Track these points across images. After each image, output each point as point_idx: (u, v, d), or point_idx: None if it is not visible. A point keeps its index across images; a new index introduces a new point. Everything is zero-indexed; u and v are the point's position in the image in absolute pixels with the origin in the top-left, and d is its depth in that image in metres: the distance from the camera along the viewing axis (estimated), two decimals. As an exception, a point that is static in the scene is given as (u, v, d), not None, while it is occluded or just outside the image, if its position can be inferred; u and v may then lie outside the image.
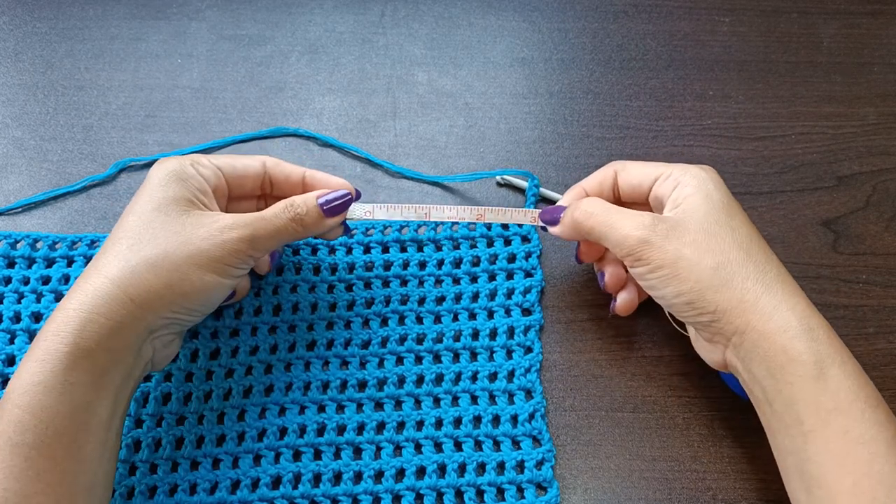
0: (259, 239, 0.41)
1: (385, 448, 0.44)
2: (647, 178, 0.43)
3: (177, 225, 0.39)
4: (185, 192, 0.40)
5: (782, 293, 0.38)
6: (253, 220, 0.41)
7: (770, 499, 0.43)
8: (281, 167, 0.45)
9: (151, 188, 0.40)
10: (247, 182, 0.44)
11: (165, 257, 0.38)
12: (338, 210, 0.43)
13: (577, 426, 0.45)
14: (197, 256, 0.39)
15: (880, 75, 0.59)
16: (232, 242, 0.39)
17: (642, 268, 0.40)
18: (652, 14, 0.62)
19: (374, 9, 0.62)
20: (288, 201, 0.42)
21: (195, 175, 0.41)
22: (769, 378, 0.37)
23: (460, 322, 0.48)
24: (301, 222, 0.42)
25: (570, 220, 0.43)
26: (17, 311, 0.47)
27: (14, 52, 0.59)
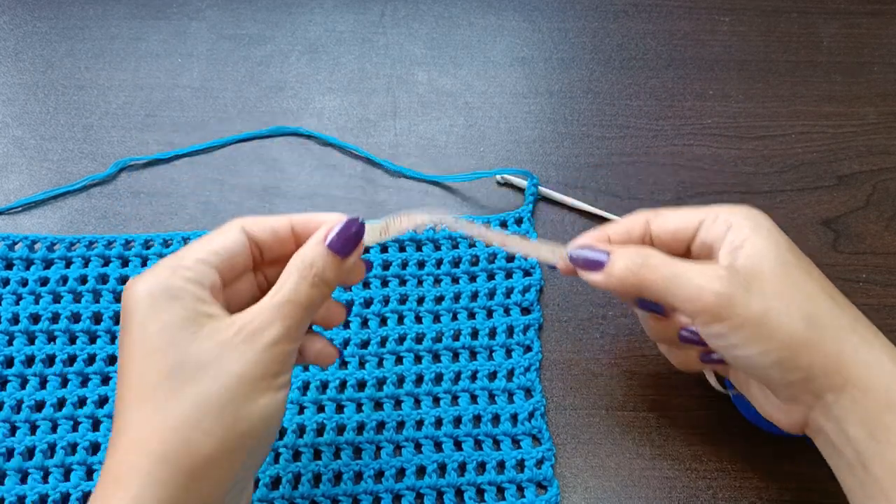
0: (294, 327, 0.33)
1: (385, 448, 0.44)
2: (689, 223, 0.38)
3: (195, 357, 0.31)
4: (184, 311, 0.32)
5: (880, 344, 0.34)
6: (278, 310, 0.33)
7: (770, 498, 0.43)
8: (261, 224, 0.36)
9: (142, 320, 0.31)
10: (237, 261, 0.35)
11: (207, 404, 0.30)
12: (352, 242, 0.35)
13: (576, 425, 0.45)
14: (240, 386, 0.31)
15: (880, 75, 0.59)
16: (268, 349, 0.32)
17: (720, 327, 0.34)
18: (652, 14, 0.62)
19: (374, 8, 0.62)
20: (298, 266, 0.34)
21: (185, 285, 0.32)
22: (870, 440, 0.33)
23: (459, 321, 0.48)
24: (324, 281, 0.34)
25: (623, 271, 0.36)
26: (15, 313, 0.47)
27: (14, 52, 0.59)
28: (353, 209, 0.52)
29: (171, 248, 0.50)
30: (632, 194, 0.53)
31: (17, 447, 0.43)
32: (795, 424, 0.36)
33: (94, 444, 0.43)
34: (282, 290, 0.33)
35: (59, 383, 0.45)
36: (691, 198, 0.53)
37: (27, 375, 0.45)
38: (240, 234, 0.35)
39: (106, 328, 0.47)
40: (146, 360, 0.31)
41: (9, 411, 0.44)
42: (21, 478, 0.43)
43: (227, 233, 0.35)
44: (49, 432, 0.44)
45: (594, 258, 0.37)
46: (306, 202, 0.53)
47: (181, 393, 0.30)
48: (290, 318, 0.33)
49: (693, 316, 0.35)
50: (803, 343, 0.33)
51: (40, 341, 0.46)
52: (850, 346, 0.34)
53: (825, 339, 0.34)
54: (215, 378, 0.31)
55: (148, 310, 0.32)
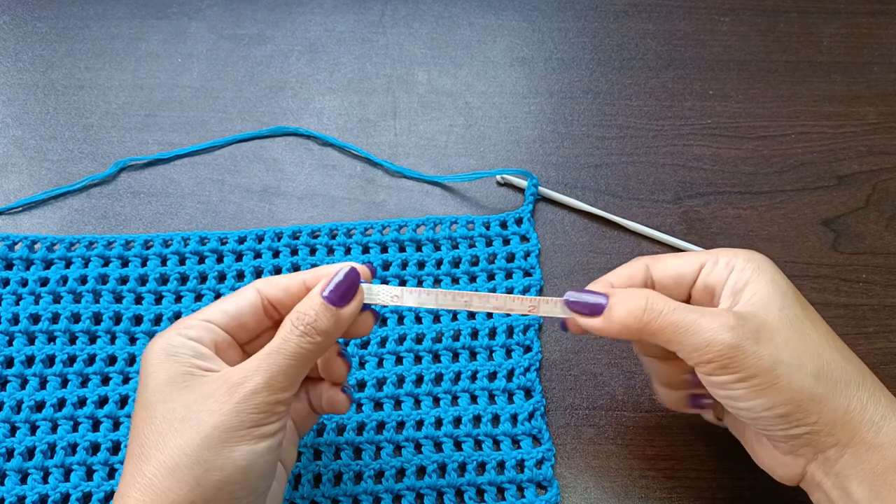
0: (277, 378, 0.33)
1: (385, 448, 0.44)
2: (690, 267, 0.37)
3: (180, 409, 0.32)
4: (179, 367, 0.33)
5: (886, 400, 0.33)
6: (261, 361, 0.33)
7: (770, 497, 0.43)
8: (275, 284, 0.37)
9: (145, 379, 0.34)
10: (248, 320, 0.36)
11: (181, 453, 0.31)
12: (347, 293, 0.35)
13: (576, 425, 0.45)
14: (214, 436, 0.32)
15: (880, 75, 0.59)
16: (247, 399, 0.32)
17: (727, 377, 0.33)
18: (652, 14, 0.62)
19: (374, 8, 0.62)
20: (291, 316, 0.35)
21: (184, 342, 0.34)
22: (874, 499, 0.32)
23: (459, 321, 0.48)
24: (317, 332, 0.34)
25: (625, 317, 0.35)
26: (15, 314, 0.47)
27: (14, 52, 0.59)
28: (353, 209, 0.52)
29: (170, 248, 0.50)
30: (632, 194, 0.53)
31: (17, 447, 0.43)
32: (791, 477, 0.36)
33: (93, 444, 0.43)
34: (271, 342, 0.34)
35: (59, 384, 0.45)
36: (691, 198, 0.53)
37: (27, 376, 0.45)
38: (253, 294, 0.37)
39: (106, 328, 0.47)
40: (141, 416, 0.33)
41: (9, 411, 0.44)
42: (21, 478, 0.43)
43: (241, 293, 0.37)
44: (49, 433, 0.44)
45: (593, 301, 0.36)
46: (306, 202, 0.53)
47: (163, 444, 0.32)
48: (273, 368, 0.33)
49: (698, 365, 0.34)
50: (811, 398, 0.33)
51: (40, 341, 0.46)
52: (857, 402, 0.33)
53: (834, 394, 0.33)
54: (193, 428, 0.32)
55: (150, 369, 0.34)
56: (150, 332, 0.47)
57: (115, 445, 0.43)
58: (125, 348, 0.46)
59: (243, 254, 0.50)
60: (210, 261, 0.49)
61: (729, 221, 0.52)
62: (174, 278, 0.49)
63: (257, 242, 0.50)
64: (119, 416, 0.44)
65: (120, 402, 0.45)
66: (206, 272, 0.49)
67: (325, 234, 0.51)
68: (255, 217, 0.52)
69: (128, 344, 0.47)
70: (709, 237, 0.52)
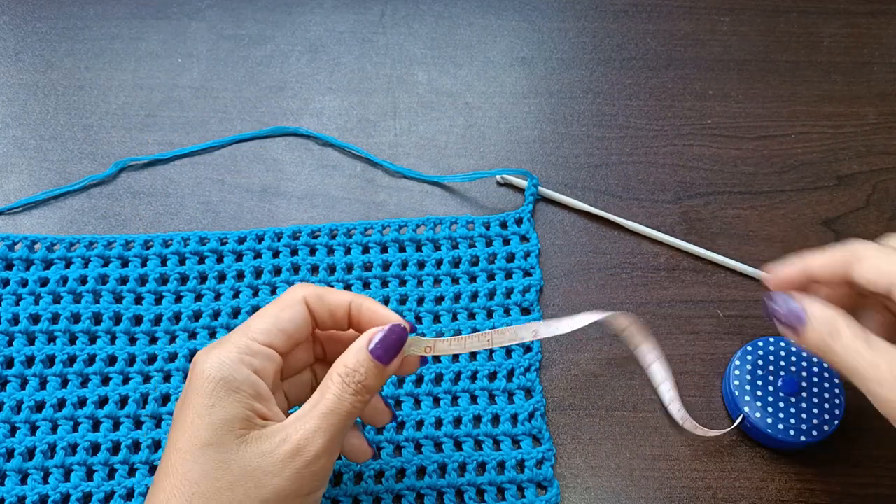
0: (335, 438, 0.33)
1: (385, 448, 0.44)
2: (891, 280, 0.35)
3: (237, 464, 0.31)
4: (240, 409, 0.32)
5: None
6: (320, 422, 0.32)
7: (769, 498, 0.43)
8: (324, 301, 0.36)
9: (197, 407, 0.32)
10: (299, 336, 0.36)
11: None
12: (393, 352, 0.35)
13: (576, 425, 0.45)
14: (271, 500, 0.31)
15: (880, 75, 0.59)
16: (308, 466, 0.32)
17: None
18: (652, 14, 0.62)
19: (374, 8, 0.62)
20: (341, 374, 0.34)
21: (248, 377, 0.33)
22: None
23: (459, 321, 0.48)
24: (366, 390, 0.34)
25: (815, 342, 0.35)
26: (15, 314, 0.47)
27: (14, 52, 0.59)
28: (353, 209, 0.52)
29: (170, 248, 0.50)
30: (632, 194, 0.53)
31: (18, 448, 0.43)
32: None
33: (93, 444, 0.43)
34: (324, 400, 0.33)
35: (59, 384, 0.45)
36: (691, 198, 0.53)
37: (27, 376, 0.45)
38: (303, 308, 0.36)
39: (106, 329, 0.47)
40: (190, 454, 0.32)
41: (9, 412, 0.44)
42: (21, 478, 0.43)
43: (291, 307, 0.36)
44: (49, 433, 0.44)
45: (795, 315, 0.36)
46: (306, 202, 0.53)
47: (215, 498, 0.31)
48: (332, 429, 0.33)
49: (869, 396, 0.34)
50: None
51: (40, 342, 0.46)
52: None
53: None
54: (252, 490, 0.31)
55: (207, 398, 0.32)
56: (149, 332, 0.47)
57: (115, 445, 0.43)
58: (125, 348, 0.46)
59: (243, 254, 0.50)
60: (210, 261, 0.49)
61: (729, 221, 0.52)
62: (174, 278, 0.49)
63: (257, 242, 0.50)
64: (119, 417, 0.44)
65: (120, 402, 0.45)
66: (206, 272, 0.49)
67: (325, 234, 0.51)
68: (255, 217, 0.52)
69: (128, 344, 0.47)
70: (709, 237, 0.52)
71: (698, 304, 0.49)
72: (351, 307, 0.36)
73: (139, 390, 0.45)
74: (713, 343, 0.48)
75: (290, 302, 0.36)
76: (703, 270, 0.51)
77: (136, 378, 0.45)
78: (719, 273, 0.51)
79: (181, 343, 0.47)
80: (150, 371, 0.46)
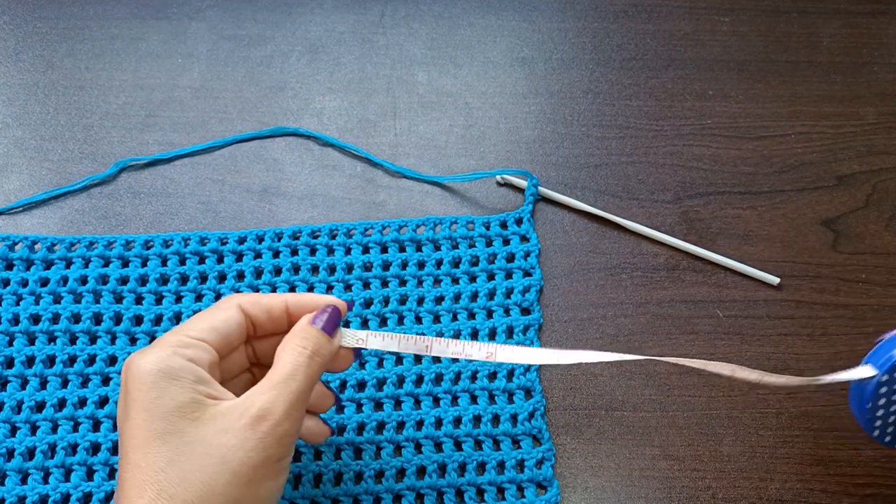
0: (295, 406, 0.33)
1: (385, 448, 0.44)
2: None
3: (198, 443, 0.31)
4: (186, 393, 0.32)
5: None
6: (279, 389, 0.33)
7: (769, 497, 0.43)
8: (260, 305, 0.37)
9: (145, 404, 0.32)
10: (233, 338, 0.36)
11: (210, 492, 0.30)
12: (333, 323, 0.36)
13: (576, 425, 0.45)
14: (242, 473, 0.31)
15: (880, 75, 0.59)
16: (271, 433, 0.32)
17: None
18: (652, 14, 0.62)
19: (374, 9, 0.62)
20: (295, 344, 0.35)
21: (184, 364, 0.33)
22: None
23: (459, 321, 0.48)
24: (318, 356, 0.35)
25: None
26: (15, 314, 0.47)
27: (14, 52, 0.59)
28: (353, 209, 0.52)
29: (171, 248, 0.50)
30: (632, 194, 0.53)
31: (18, 448, 0.43)
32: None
33: (94, 444, 0.43)
34: (279, 369, 0.34)
35: (60, 384, 0.45)
36: (691, 198, 0.53)
37: (27, 376, 0.45)
38: (237, 312, 0.36)
39: (106, 329, 0.47)
40: (149, 446, 0.31)
41: (9, 412, 0.44)
42: (21, 478, 0.43)
43: (225, 310, 0.36)
44: (49, 433, 0.44)
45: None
46: (306, 202, 0.53)
47: (187, 482, 0.31)
48: (291, 396, 0.33)
49: None
50: None
51: (40, 342, 0.46)
52: None
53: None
54: (219, 465, 0.31)
55: (149, 392, 0.32)
56: (150, 332, 0.47)
57: (115, 445, 0.43)
58: (125, 348, 0.46)
59: (244, 254, 0.50)
60: (210, 261, 0.49)
61: (729, 221, 0.52)
62: (174, 278, 0.49)
63: (257, 242, 0.50)
64: (119, 417, 0.44)
65: (120, 402, 0.45)
66: (206, 272, 0.49)
67: (326, 234, 0.51)
68: (255, 217, 0.52)
69: (128, 344, 0.47)
70: (709, 237, 0.52)
71: (698, 304, 0.49)
72: (288, 303, 0.37)
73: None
74: (713, 343, 0.48)
75: (223, 307, 0.37)
76: (703, 270, 0.51)
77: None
78: (719, 273, 0.51)
79: (181, 343, 0.47)
80: (150, 371, 0.46)
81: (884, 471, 0.44)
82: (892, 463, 0.44)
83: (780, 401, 0.46)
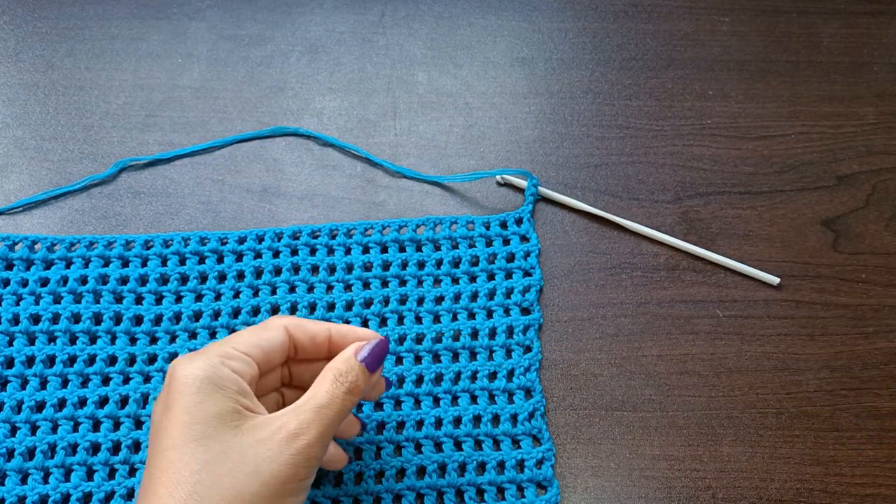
0: (327, 432, 0.35)
1: (385, 448, 0.44)
2: None
3: (235, 451, 0.32)
4: (229, 402, 0.34)
5: None
6: (314, 414, 0.34)
7: (769, 497, 0.43)
8: (304, 328, 0.39)
9: (185, 405, 0.33)
10: (275, 357, 0.38)
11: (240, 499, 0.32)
12: (378, 361, 0.38)
13: (576, 425, 0.45)
14: (271, 485, 0.32)
15: (880, 75, 0.59)
16: (303, 452, 0.33)
17: None
18: (652, 14, 0.62)
19: (374, 9, 0.62)
20: (334, 374, 0.36)
21: (230, 375, 0.35)
22: None
23: (459, 321, 0.48)
24: (355, 391, 0.36)
25: None
26: (15, 314, 0.47)
27: (14, 52, 0.59)
28: (353, 209, 0.52)
29: (171, 248, 0.50)
30: (632, 194, 0.53)
31: (18, 448, 0.43)
32: None
33: (94, 444, 0.43)
34: (317, 396, 0.35)
35: (60, 384, 0.45)
36: (691, 198, 0.53)
37: (27, 376, 0.45)
38: (283, 333, 0.38)
39: (106, 329, 0.47)
40: (187, 447, 0.32)
41: (9, 412, 0.44)
42: (21, 478, 0.43)
43: (272, 330, 0.38)
44: (49, 433, 0.44)
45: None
46: (306, 202, 0.53)
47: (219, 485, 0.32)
48: (325, 422, 0.34)
49: None
50: None
51: (41, 342, 0.46)
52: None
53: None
54: (252, 474, 0.32)
55: (195, 395, 0.33)
56: (150, 332, 0.47)
57: (115, 445, 0.43)
58: (125, 348, 0.46)
59: (244, 254, 0.50)
60: (210, 261, 0.49)
61: (729, 221, 0.52)
62: (174, 278, 0.49)
63: (258, 242, 0.50)
64: (119, 417, 0.44)
65: (120, 402, 0.45)
66: (206, 272, 0.49)
67: (326, 234, 0.51)
68: (255, 217, 0.52)
69: (128, 344, 0.47)
70: (709, 237, 0.52)
71: (698, 304, 0.49)
72: (332, 332, 0.39)
73: (139, 390, 0.45)
74: (713, 343, 0.48)
75: (270, 326, 0.38)
76: (703, 270, 0.51)
77: (137, 378, 0.45)
78: (719, 273, 0.51)
79: (181, 343, 0.47)
80: (150, 371, 0.46)
81: (884, 471, 0.44)
82: (892, 463, 0.44)
83: (780, 401, 0.46)
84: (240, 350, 0.36)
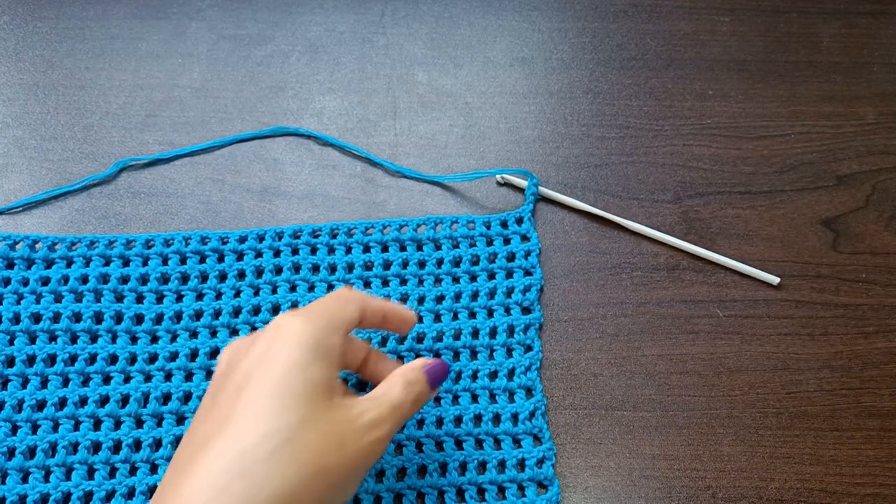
0: (394, 432, 0.35)
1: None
2: None
3: (325, 422, 0.32)
4: (327, 374, 0.34)
5: None
6: (390, 410, 0.35)
7: (769, 497, 0.43)
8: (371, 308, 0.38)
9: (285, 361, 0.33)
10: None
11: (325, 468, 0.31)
12: (438, 382, 0.38)
13: (577, 424, 0.45)
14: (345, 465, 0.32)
15: (880, 75, 0.60)
16: (374, 444, 0.34)
17: None
18: (652, 14, 0.62)
19: (374, 8, 0.62)
20: (404, 380, 0.36)
21: (335, 347, 0.35)
22: None
23: (460, 321, 0.48)
24: (419, 402, 0.37)
25: None
26: (16, 313, 0.47)
27: (15, 52, 0.59)
28: (353, 209, 0.52)
29: (172, 248, 0.50)
30: (632, 194, 0.53)
31: (19, 446, 0.43)
32: None
33: (94, 443, 0.43)
34: (392, 394, 0.35)
35: (61, 383, 0.45)
36: (691, 198, 0.53)
37: (28, 375, 0.45)
38: (358, 314, 0.37)
39: (107, 328, 0.47)
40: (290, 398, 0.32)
41: (10, 410, 0.44)
42: (22, 477, 0.43)
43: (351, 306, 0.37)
44: (50, 431, 0.44)
45: None
46: (306, 202, 0.53)
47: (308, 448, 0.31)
48: (396, 421, 0.35)
49: None
50: None
51: (41, 341, 0.46)
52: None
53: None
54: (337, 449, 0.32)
55: (303, 354, 0.33)
56: (151, 331, 0.47)
57: (116, 444, 0.43)
58: (126, 347, 0.46)
59: (244, 253, 0.50)
60: (211, 260, 0.49)
61: (729, 221, 0.52)
62: (175, 277, 0.49)
63: (258, 242, 0.50)
64: (120, 416, 0.44)
65: (121, 401, 0.45)
66: (207, 271, 0.49)
67: (326, 233, 0.51)
68: (255, 217, 0.52)
69: (129, 343, 0.47)
70: (709, 237, 0.52)
71: (698, 303, 0.49)
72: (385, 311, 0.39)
73: (140, 389, 0.45)
74: (713, 343, 0.48)
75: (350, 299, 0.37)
76: (703, 270, 0.51)
77: (138, 377, 0.45)
78: (719, 273, 0.51)
79: (182, 342, 0.47)
80: (151, 370, 0.46)
81: (884, 470, 0.44)
82: (892, 463, 0.45)
83: (780, 400, 0.46)
84: (343, 324, 0.36)
